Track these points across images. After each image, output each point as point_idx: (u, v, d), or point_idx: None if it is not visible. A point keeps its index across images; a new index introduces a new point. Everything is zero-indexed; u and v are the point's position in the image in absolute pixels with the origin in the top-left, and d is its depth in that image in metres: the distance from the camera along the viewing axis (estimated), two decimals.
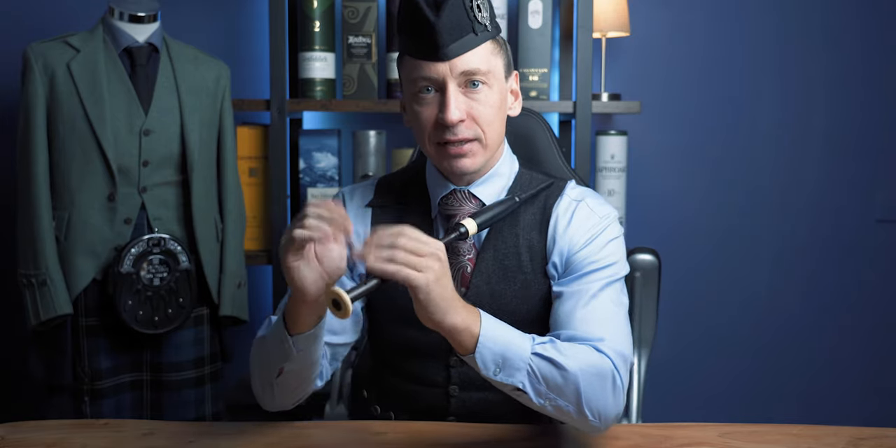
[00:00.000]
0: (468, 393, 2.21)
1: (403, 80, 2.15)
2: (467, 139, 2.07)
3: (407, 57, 2.10)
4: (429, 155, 2.15)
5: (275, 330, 2.01)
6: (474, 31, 2.04)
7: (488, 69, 2.07)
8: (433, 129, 2.08)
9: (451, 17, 2.01)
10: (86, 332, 3.03)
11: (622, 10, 3.68)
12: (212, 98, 3.18)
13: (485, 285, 2.16)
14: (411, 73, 2.08)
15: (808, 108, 4.09)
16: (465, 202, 2.18)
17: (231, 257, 3.20)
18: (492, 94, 2.09)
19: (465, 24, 2.03)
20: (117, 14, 3.05)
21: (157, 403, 3.13)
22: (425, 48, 2.03)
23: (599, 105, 3.59)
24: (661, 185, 4.07)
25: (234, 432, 2.13)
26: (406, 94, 2.14)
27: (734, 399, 4.18)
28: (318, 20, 3.53)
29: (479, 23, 2.04)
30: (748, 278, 4.16)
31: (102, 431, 2.14)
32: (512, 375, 1.87)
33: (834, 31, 4.06)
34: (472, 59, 2.04)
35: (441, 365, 2.20)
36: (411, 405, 2.25)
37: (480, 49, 2.06)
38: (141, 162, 3.00)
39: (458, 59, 2.03)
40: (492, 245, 2.19)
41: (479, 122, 2.07)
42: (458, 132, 2.05)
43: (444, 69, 2.03)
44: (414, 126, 2.14)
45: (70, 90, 2.96)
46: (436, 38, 2.01)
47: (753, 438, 2.11)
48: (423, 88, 2.07)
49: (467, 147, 2.08)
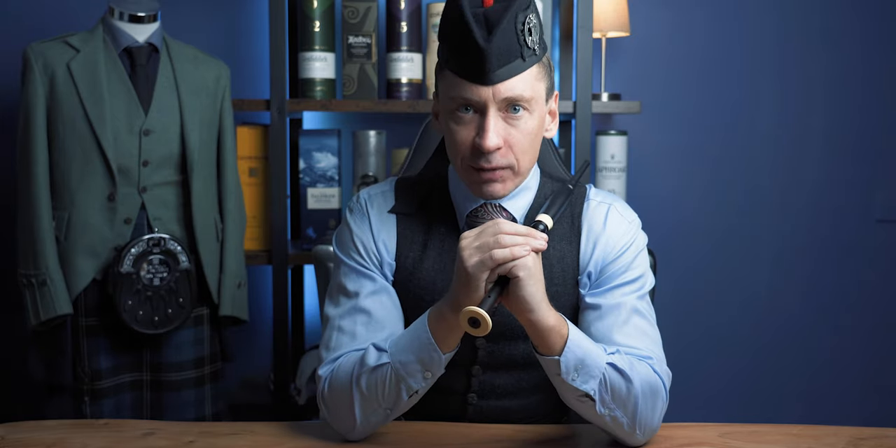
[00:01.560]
0: (487, 401, 2.21)
1: (441, 93, 2.08)
2: (501, 167, 2.03)
3: (448, 73, 2.04)
4: (460, 174, 2.11)
5: (421, 352, 1.96)
6: (522, 56, 1.98)
7: (531, 96, 2.01)
8: (468, 153, 2.03)
9: (501, 43, 1.95)
10: (86, 332, 3.03)
11: (622, 10, 3.68)
12: (212, 98, 3.18)
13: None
14: (451, 90, 2.02)
15: (807, 108, 4.09)
16: (496, 214, 2.15)
17: (231, 257, 3.20)
18: (531, 120, 2.04)
19: (515, 49, 1.97)
20: (117, 14, 3.05)
21: (157, 403, 3.13)
22: (472, 70, 1.97)
23: (599, 105, 3.59)
24: (661, 185, 4.07)
25: (235, 432, 2.13)
26: (443, 106, 2.08)
27: (734, 399, 4.18)
28: (318, 20, 3.53)
29: (528, 47, 1.99)
30: (748, 278, 4.16)
31: (102, 431, 2.14)
32: (586, 382, 1.89)
33: (833, 31, 4.06)
34: (517, 86, 1.99)
35: (462, 372, 2.18)
36: (427, 412, 2.22)
37: (526, 74, 2.00)
38: (141, 162, 3.00)
39: (502, 85, 1.97)
40: None
41: (514, 150, 2.02)
42: (492, 160, 2.00)
43: (488, 93, 1.97)
44: (447, 141, 2.09)
45: (70, 90, 2.96)
46: (484, 64, 1.95)
47: (753, 438, 2.11)
48: (462, 107, 2.01)
49: (500, 174, 2.03)
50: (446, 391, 2.19)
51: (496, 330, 2.08)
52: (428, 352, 1.94)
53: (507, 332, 2.14)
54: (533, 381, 2.21)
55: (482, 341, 2.14)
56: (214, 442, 2.07)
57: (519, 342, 2.15)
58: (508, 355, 2.17)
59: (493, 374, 2.18)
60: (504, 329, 2.14)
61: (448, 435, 2.11)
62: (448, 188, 2.23)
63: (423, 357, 1.95)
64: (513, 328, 2.13)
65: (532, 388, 2.22)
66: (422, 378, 1.97)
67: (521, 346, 2.15)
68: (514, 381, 2.20)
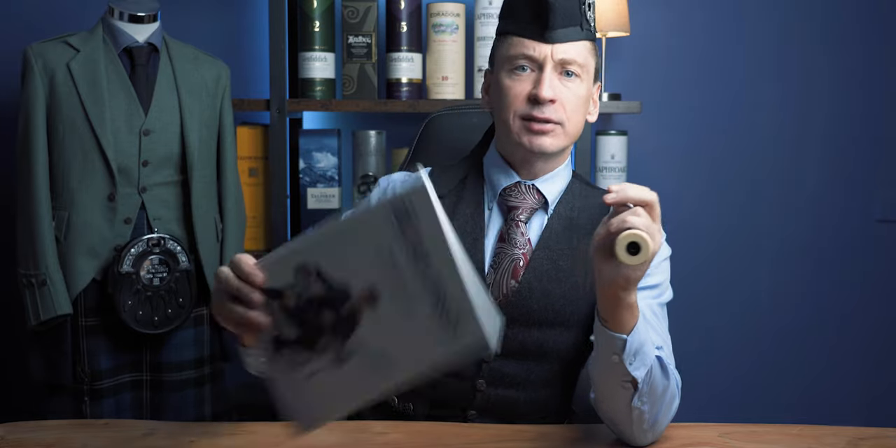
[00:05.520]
0: (495, 389, 2.22)
1: (499, 58, 2.22)
2: (553, 121, 2.13)
3: (509, 36, 2.18)
4: (508, 130, 2.19)
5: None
6: (581, 25, 2.14)
7: (584, 63, 2.16)
8: (523, 104, 2.14)
9: (566, 5, 2.11)
10: (85, 332, 3.03)
11: (622, 9, 3.68)
12: (212, 98, 3.18)
13: (536, 282, 2.18)
14: (511, 50, 2.16)
15: (807, 108, 4.09)
16: (528, 195, 2.23)
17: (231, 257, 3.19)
18: (582, 86, 2.17)
19: (576, 16, 2.13)
20: (117, 14, 3.05)
21: (157, 403, 3.13)
22: (536, 27, 2.12)
23: (600, 105, 3.58)
24: (661, 184, 4.05)
25: (235, 432, 2.13)
26: (498, 72, 2.21)
27: (734, 399, 4.18)
28: (317, 20, 3.53)
29: (586, 20, 2.15)
30: (748, 278, 4.16)
31: (102, 431, 2.14)
32: (638, 368, 1.90)
33: (834, 30, 4.06)
34: (573, 50, 2.14)
35: (474, 358, 2.21)
36: (433, 397, 2.25)
37: (581, 44, 2.15)
38: (141, 162, 3.00)
39: (560, 46, 2.13)
40: (547, 243, 2.21)
41: (565, 108, 2.14)
42: (545, 111, 2.12)
43: (547, 51, 2.12)
44: (497, 103, 2.21)
45: (70, 90, 2.96)
46: (548, 19, 2.10)
47: (753, 438, 2.11)
48: (521, 67, 2.15)
49: (550, 127, 2.14)
50: (457, 376, 2.21)
51: (513, 313, 2.15)
52: None
53: (523, 317, 2.17)
54: (543, 375, 2.22)
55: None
56: (215, 442, 2.07)
57: (533, 330, 2.18)
58: (521, 342, 2.18)
59: (504, 361, 2.20)
60: (521, 314, 2.17)
61: (447, 435, 2.11)
62: (482, 173, 2.31)
63: None
64: (529, 314, 2.17)
65: (541, 382, 2.23)
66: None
67: (536, 333, 2.18)
68: (524, 371, 2.21)
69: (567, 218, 2.23)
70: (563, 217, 2.23)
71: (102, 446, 2.04)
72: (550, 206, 2.25)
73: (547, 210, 2.25)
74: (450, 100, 3.55)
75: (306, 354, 1.69)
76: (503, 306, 2.16)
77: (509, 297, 2.17)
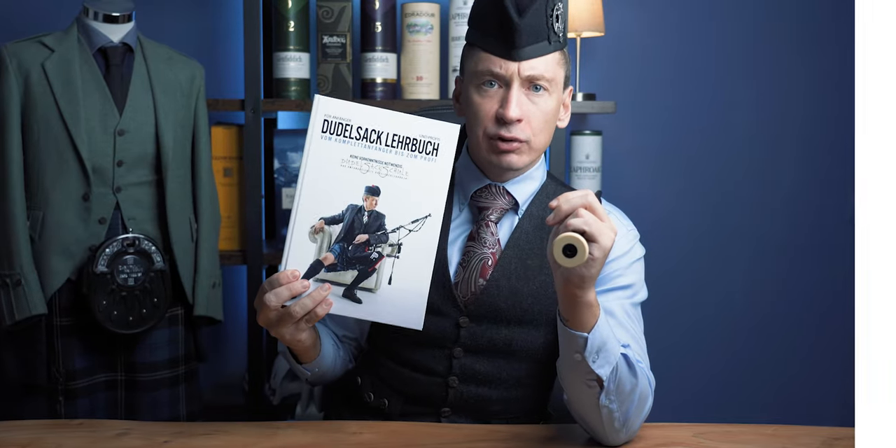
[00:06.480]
0: (467, 386, 2.24)
1: (467, 71, 2.23)
2: (519, 140, 2.14)
3: (477, 49, 2.18)
4: (478, 146, 2.21)
5: (288, 361, 2.29)
6: (549, 39, 2.14)
7: (552, 77, 2.16)
8: (491, 123, 2.15)
9: (531, 22, 2.10)
10: (60, 332, 3.02)
11: (597, 9, 3.69)
12: (186, 98, 3.17)
13: (504, 280, 2.21)
14: (479, 65, 2.16)
15: (783, 108, 4.11)
16: (499, 197, 2.26)
17: (205, 257, 3.20)
18: (550, 101, 2.18)
19: (543, 30, 2.12)
20: (92, 14, 3.04)
21: (131, 403, 3.13)
22: (501, 45, 2.12)
23: (574, 105, 3.59)
24: (636, 184, 4.09)
25: (209, 432, 2.14)
26: (468, 84, 2.22)
27: (709, 399, 4.20)
28: (292, 20, 3.53)
29: (554, 32, 2.14)
30: (723, 278, 4.18)
31: (77, 431, 2.14)
32: (602, 366, 1.93)
33: (809, 31, 4.08)
34: (540, 65, 2.14)
35: (444, 354, 2.23)
36: (407, 393, 2.28)
37: (549, 57, 2.16)
38: (115, 162, 3.00)
39: (527, 62, 2.12)
40: (516, 243, 2.24)
41: (531, 125, 2.16)
42: (512, 130, 2.13)
43: (514, 69, 2.12)
44: (469, 115, 2.22)
45: (45, 90, 2.95)
46: (514, 38, 2.10)
47: (728, 438, 2.12)
48: (488, 82, 2.15)
49: (517, 145, 2.15)
50: (429, 372, 2.25)
51: (481, 310, 2.19)
52: (291, 362, 2.27)
53: (491, 314, 2.20)
54: (514, 374, 2.24)
55: (465, 320, 2.20)
56: (189, 442, 2.07)
57: (501, 327, 2.21)
58: (490, 339, 2.21)
59: (474, 358, 2.22)
60: (489, 311, 2.20)
61: (421, 435, 2.12)
62: (454, 175, 2.31)
63: (289, 363, 2.28)
64: (497, 311, 2.20)
65: (513, 380, 2.25)
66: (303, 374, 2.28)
67: (504, 331, 2.21)
68: (495, 369, 2.23)
69: (539, 218, 2.26)
70: (534, 217, 2.26)
71: (77, 446, 2.04)
72: (521, 207, 2.28)
73: (518, 211, 2.28)
74: (424, 100, 3.55)
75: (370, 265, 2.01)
76: (472, 304, 2.19)
77: (477, 294, 2.19)
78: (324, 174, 1.98)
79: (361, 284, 1.99)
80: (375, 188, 1.99)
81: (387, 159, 1.99)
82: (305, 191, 1.97)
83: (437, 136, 2.01)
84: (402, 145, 1.99)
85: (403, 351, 2.27)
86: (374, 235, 1.99)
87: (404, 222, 2.00)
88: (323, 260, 1.98)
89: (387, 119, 2.01)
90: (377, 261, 1.99)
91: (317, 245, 1.98)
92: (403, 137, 2.00)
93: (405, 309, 2.01)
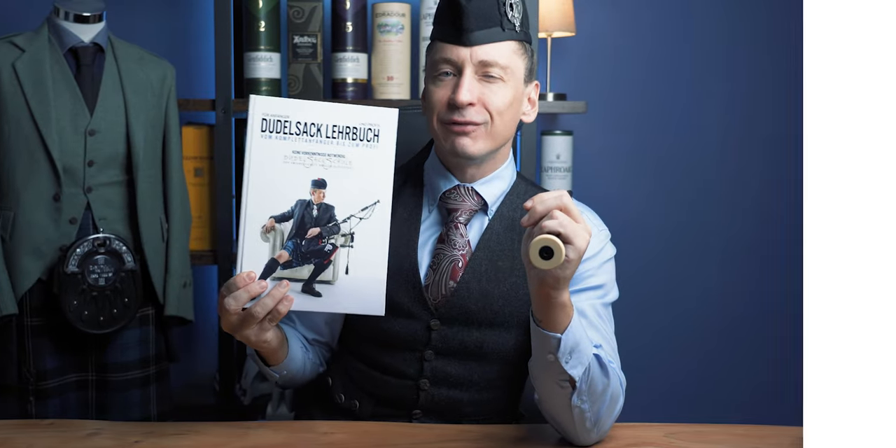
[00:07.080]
0: (438, 389, 2.23)
1: (428, 66, 2.23)
2: (474, 122, 2.13)
3: (435, 42, 2.19)
4: (434, 135, 2.22)
5: (258, 364, 2.26)
6: (502, 26, 2.13)
7: (507, 65, 2.14)
8: (444, 109, 2.15)
9: (481, 6, 2.10)
10: (31, 332, 3.02)
11: (567, 9, 3.70)
12: (157, 98, 3.17)
13: (475, 282, 2.20)
14: (435, 55, 2.18)
15: (754, 109, 4.13)
16: (468, 198, 2.24)
17: (176, 257, 3.20)
18: (506, 89, 2.16)
19: (494, 16, 2.12)
20: (62, 14, 3.04)
21: (102, 403, 3.12)
22: (452, 31, 2.13)
23: (545, 105, 3.61)
24: (607, 185, 4.10)
25: (180, 432, 2.14)
26: (426, 77, 2.23)
27: (680, 399, 4.21)
28: (263, 20, 3.52)
29: (507, 20, 2.13)
30: (694, 278, 4.19)
31: (48, 431, 2.14)
32: (575, 367, 1.93)
33: (781, 31, 4.10)
34: (493, 52, 2.12)
35: (415, 357, 2.23)
36: (379, 395, 2.27)
37: (504, 45, 2.14)
38: (86, 162, 2.99)
39: (479, 48, 2.11)
40: (487, 244, 2.23)
41: (489, 108, 2.14)
42: (466, 114, 2.12)
43: (465, 54, 2.12)
44: (426, 107, 2.22)
45: (15, 90, 2.95)
46: (462, 23, 2.10)
47: (699, 438, 2.13)
48: (443, 72, 2.15)
49: (471, 129, 2.14)
50: (400, 375, 2.24)
51: (452, 313, 2.19)
52: (260, 364, 2.26)
53: (462, 317, 2.20)
54: (486, 376, 2.24)
55: (436, 323, 2.20)
56: (160, 442, 2.07)
57: (472, 329, 2.20)
58: (461, 342, 2.20)
59: (445, 360, 2.22)
60: (459, 313, 2.19)
61: (393, 435, 2.12)
62: (422, 177, 2.32)
63: (258, 365, 2.27)
64: (468, 313, 2.19)
65: (485, 382, 2.25)
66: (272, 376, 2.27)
67: (475, 334, 2.20)
68: (466, 371, 2.23)
69: (509, 218, 2.25)
70: (505, 218, 2.25)
71: (48, 446, 2.04)
72: (491, 208, 2.27)
73: (487, 212, 2.27)
74: (395, 100, 3.56)
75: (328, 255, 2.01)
76: (443, 307, 2.19)
77: (448, 297, 2.19)
78: (268, 172, 1.98)
79: (319, 277, 1.99)
80: (321, 181, 1.99)
81: (329, 151, 1.99)
82: (251, 191, 1.97)
83: (377, 121, 2.01)
84: (343, 135, 1.99)
85: (374, 353, 2.27)
86: (326, 227, 1.99)
87: (354, 211, 2.00)
88: (277, 258, 1.98)
89: (325, 111, 2.00)
90: (332, 252, 1.99)
91: (269, 244, 1.98)
92: (343, 127, 1.99)
93: (365, 297, 2.01)
